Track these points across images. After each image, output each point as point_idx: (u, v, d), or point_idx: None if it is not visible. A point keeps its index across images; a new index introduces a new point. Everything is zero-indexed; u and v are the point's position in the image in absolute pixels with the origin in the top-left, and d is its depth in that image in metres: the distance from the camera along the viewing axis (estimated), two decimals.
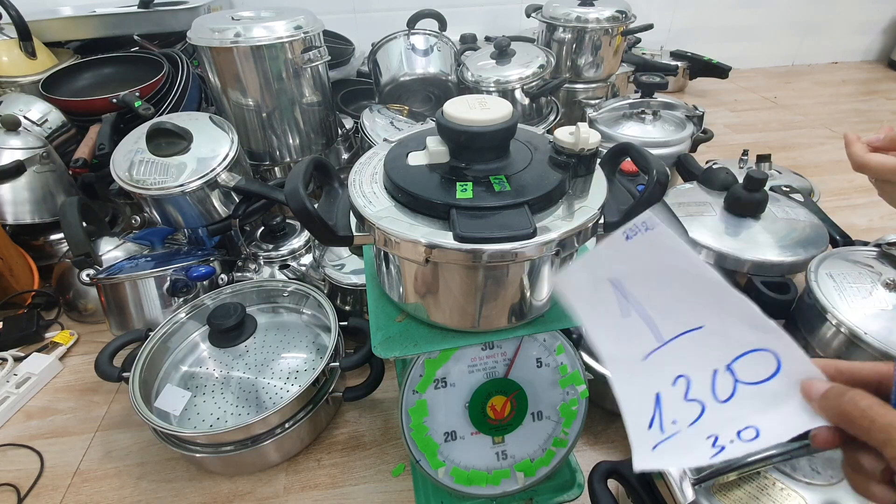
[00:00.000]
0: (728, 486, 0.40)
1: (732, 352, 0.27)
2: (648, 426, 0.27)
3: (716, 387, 0.27)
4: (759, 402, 0.26)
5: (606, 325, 0.29)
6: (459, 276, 0.38)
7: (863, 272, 0.62)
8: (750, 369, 0.27)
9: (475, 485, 0.50)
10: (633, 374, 0.28)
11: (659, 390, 0.27)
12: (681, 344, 0.28)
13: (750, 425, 0.26)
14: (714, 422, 0.26)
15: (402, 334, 0.44)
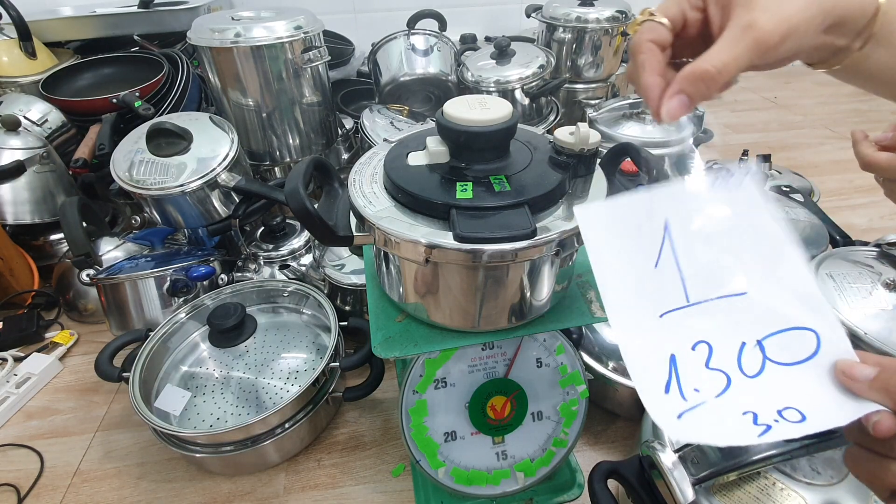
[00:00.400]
0: (728, 486, 0.40)
1: (769, 326, 0.25)
2: (665, 390, 0.24)
3: (742, 360, 0.25)
4: (793, 382, 0.24)
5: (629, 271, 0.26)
6: (459, 276, 0.38)
7: (863, 272, 0.62)
8: (784, 348, 0.25)
9: (475, 485, 0.50)
10: (643, 329, 0.26)
11: (674, 351, 0.25)
12: (710, 308, 0.26)
13: (790, 406, 0.24)
14: (746, 395, 0.24)
15: (402, 334, 0.44)
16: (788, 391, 0.24)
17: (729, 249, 0.27)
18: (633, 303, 0.26)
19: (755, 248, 0.26)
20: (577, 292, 0.47)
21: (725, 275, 0.26)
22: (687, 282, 0.26)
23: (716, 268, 0.26)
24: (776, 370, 0.25)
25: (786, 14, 0.25)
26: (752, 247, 0.26)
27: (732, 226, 0.27)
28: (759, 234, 0.26)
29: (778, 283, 0.26)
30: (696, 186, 0.28)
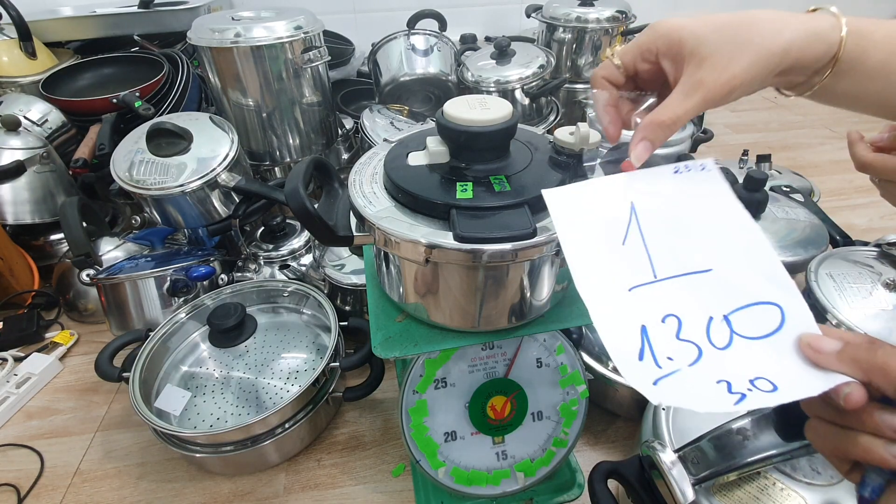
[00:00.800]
0: (728, 486, 0.40)
1: (735, 301, 0.26)
2: (639, 357, 0.25)
3: (710, 333, 0.26)
4: (760, 355, 0.25)
5: (598, 248, 0.28)
6: (459, 277, 0.38)
7: (863, 272, 0.62)
8: (750, 322, 0.26)
9: (475, 485, 0.50)
10: (613, 302, 0.27)
11: (644, 323, 0.26)
12: (677, 284, 0.27)
13: (762, 377, 0.24)
14: (719, 365, 0.25)
15: (403, 334, 0.44)
16: (758, 363, 0.25)
17: (694, 229, 0.28)
18: (602, 277, 0.27)
19: (719, 228, 0.28)
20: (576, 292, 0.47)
21: (690, 253, 0.27)
22: (654, 259, 0.27)
23: (681, 246, 0.28)
24: (743, 343, 0.25)
25: (730, 74, 0.28)
26: (716, 227, 0.28)
27: (697, 207, 0.28)
28: (722, 216, 0.28)
29: (741, 261, 0.27)
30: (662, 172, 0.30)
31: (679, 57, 0.30)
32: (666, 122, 0.30)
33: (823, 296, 0.59)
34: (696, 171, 0.29)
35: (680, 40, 0.30)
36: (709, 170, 0.29)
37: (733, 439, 0.40)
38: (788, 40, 0.28)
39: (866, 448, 0.23)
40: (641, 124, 0.31)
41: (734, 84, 0.29)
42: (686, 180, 0.29)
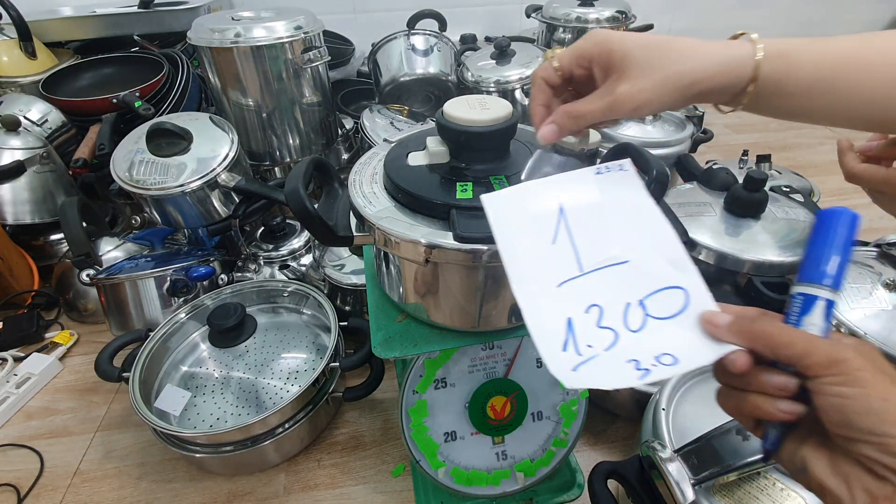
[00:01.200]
0: (728, 486, 0.40)
1: (648, 287, 0.29)
2: (563, 348, 0.28)
3: (627, 318, 0.29)
4: (669, 333, 0.28)
5: (530, 248, 0.30)
6: (459, 277, 0.38)
7: (863, 272, 0.62)
8: (661, 305, 0.29)
9: (475, 485, 0.50)
10: (543, 298, 0.29)
11: (570, 315, 0.29)
12: (599, 276, 0.30)
13: (666, 352, 0.28)
14: (630, 348, 0.28)
15: (403, 334, 0.44)
16: (665, 340, 0.28)
17: (613, 225, 0.31)
18: (533, 275, 0.30)
19: (634, 222, 0.31)
20: None
21: (611, 246, 0.30)
22: (580, 254, 0.30)
23: (603, 241, 0.31)
24: (655, 324, 0.29)
25: (638, 90, 0.31)
26: (632, 221, 0.31)
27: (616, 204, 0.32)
28: (637, 211, 0.31)
29: (653, 251, 0.30)
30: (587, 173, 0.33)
31: (607, 66, 0.32)
32: (573, 112, 0.34)
33: None
34: (616, 172, 0.32)
35: (610, 51, 0.32)
36: (626, 170, 0.32)
37: (733, 439, 0.40)
38: (695, 69, 0.31)
39: (755, 405, 0.27)
40: (556, 110, 0.34)
41: (640, 99, 0.32)
42: (607, 180, 0.32)
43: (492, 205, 0.32)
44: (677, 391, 0.50)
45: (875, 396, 0.24)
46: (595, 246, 0.30)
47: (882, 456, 0.23)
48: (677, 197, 0.82)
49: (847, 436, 0.24)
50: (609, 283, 0.30)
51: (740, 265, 0.70)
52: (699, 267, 0.30)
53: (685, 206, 0.79)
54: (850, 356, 0.24)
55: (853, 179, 0.40)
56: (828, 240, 0.28)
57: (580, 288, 0.29)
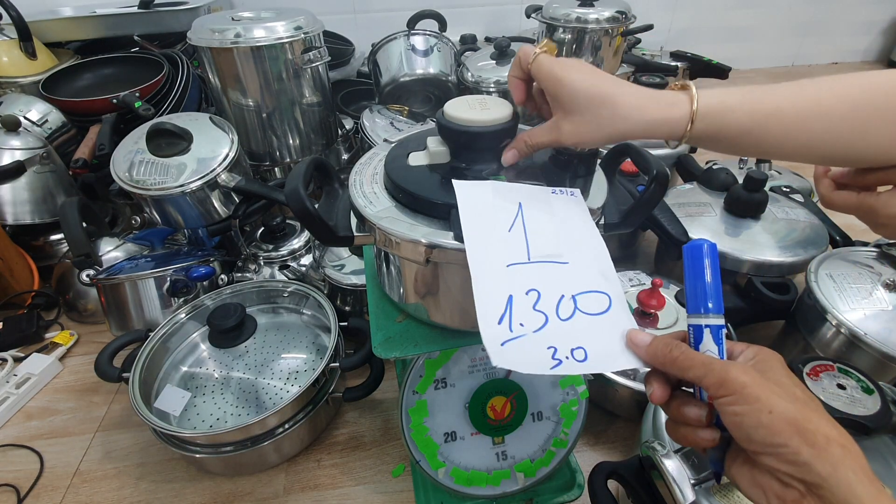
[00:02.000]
0: (728, 486, 0.40)
1: (580, 287, 0.34)
2: (498, 321, 0.31)
3: (559, 307, 0.32)
4: (590, 329, 0.32)
5: (488, 231, 0.34)
6: (459, 277, 0.38)
7: (863, 273, 0.62)
8: (589, 303, 0.33)
9: (475, 485, 0.50)
10: (492, 274, 0.32)
11: (512, 293, 0.32)
12: (543, 267, 0.34)
13: (581, 346, 0.31)
14: (554, 334, 0.31)
15: (403, 335, 0.44)
16: (584, 335, 0.32)
17: (561, 232, 0.36)
18: (487, 253, 0.33)
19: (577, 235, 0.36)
20: None
21: (557, 247, 0.35)
22: (530, 245, 0.34)
23: (551, 241, 0.35)
24: (581, 317, 0.32)
25: (580, 133, 0.36)
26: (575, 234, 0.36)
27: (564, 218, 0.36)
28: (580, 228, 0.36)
29: (590, 261, 0.35)
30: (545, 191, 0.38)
31: (556, 99, 0.36)
32: (528, 142, 0.38)
33: (823, 296, 0.59)
34: (567, 196, 0.38)
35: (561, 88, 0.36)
36: (576, 196, 0.38)
37: None
38: (631, 129, 0.35)
39: (684, 435, 0.29)
40: (516, 137, 0.40)
41: (580, 139, 0.36)
42: (560, 199, 0.37)
43: (461, 190, 0.35)
44: None
45: (762, 410, 0.25)
46: (543, 243, 0.35)
47: (780, 464, 0.25)
48: (677, 197, 0.82)
49: (751, 449, 0.26)
50: (550, 276, 0.33)
51: (740, 265, 0.71)
52: None
53: (685, 206, 0.79)
54: (736, 374, 0.26)
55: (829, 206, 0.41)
56: (695, 272, 0.30)
57: (525, 273, 0.33)
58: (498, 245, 0.34)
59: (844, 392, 0.39)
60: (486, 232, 0.34)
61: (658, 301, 0.64)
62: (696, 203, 0.80)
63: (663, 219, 0.72)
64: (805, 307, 0.63)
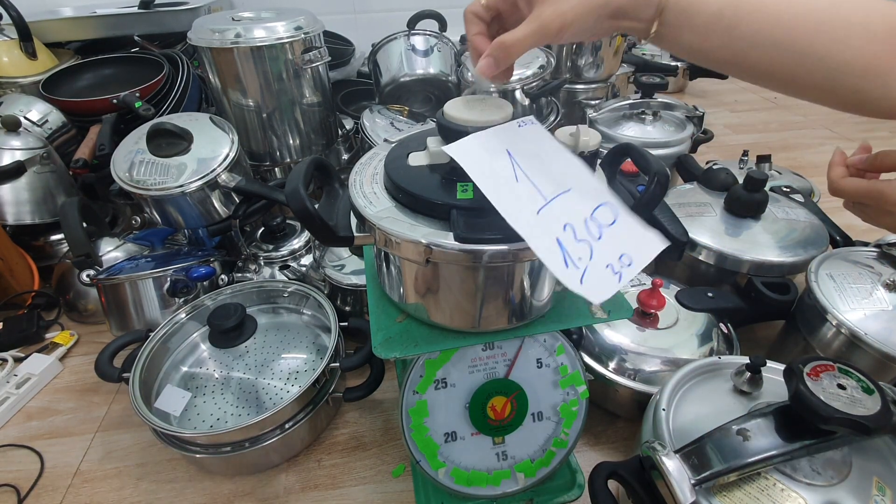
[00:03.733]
0: (728, 486, 0.40)
1: (591, 205, 0.35)
2: (566, 266, 0.32)
3: (589, 230, 0.34)
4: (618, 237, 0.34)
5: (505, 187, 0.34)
6: (460, 277, 0.38)
7: (863, 273, 0.62)
8: (603, 216, 0.34)
9: (475, 485, 0.50)
10: (536, 226, 0.33)
11: (558, 236, 0.33)
12: (559, 202, 0.34)
13: (624, 253, 0.33)
14: (603, 255, 0.33)
15: (403, 335, 0.44)
16: (618, 244, 0.33)
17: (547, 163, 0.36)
18: (518, 208, 0.33)
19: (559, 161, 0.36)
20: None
21: (554, 179, 0.35)
22: (539, 187, 0.35)
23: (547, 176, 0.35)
24: (607, 231, 0.34)
25: (561, 10, 0.35)
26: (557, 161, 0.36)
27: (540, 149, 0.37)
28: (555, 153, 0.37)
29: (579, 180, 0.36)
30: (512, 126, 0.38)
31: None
32: (507, 42, 0.36)
33: (823, 296, 0.59)
34: (530, 125, 0.38)
35: None
36: (534, 123, 0.38)
37: (733, 439, 0.40)
38: None
39: None
40: (490, 45, 0.38)
41: (564, 19, 0.35)
42: (527, 131, 0.38)
43: (459, 153, 0.35)
44: (677, 391, 0.50)
45: None
46: (545, 180, 0.35)
47: None
48: (677, 197, 0.82)
49: None
50: (567, 206, 0.34)
51: (740, 265, 0.71)
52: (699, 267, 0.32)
53: (685, 207, 0.79)
54: None
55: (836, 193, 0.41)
56: None
57: (552, 213, 0.34)
58: (519, 197, 0.34)
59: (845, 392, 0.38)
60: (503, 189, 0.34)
61: (658, 301, 0.64)
62: (696, 203, 0.80)
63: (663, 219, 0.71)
64: (805, 307, 0.63)
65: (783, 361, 0.47)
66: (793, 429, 0.40)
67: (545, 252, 0.32)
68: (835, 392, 0.39)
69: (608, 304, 0.46)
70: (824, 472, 0.40)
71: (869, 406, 0.38)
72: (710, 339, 0.63)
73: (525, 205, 0.33)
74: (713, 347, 0.63)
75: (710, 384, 0.51)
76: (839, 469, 0.40)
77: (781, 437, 0.40)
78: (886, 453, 0.43)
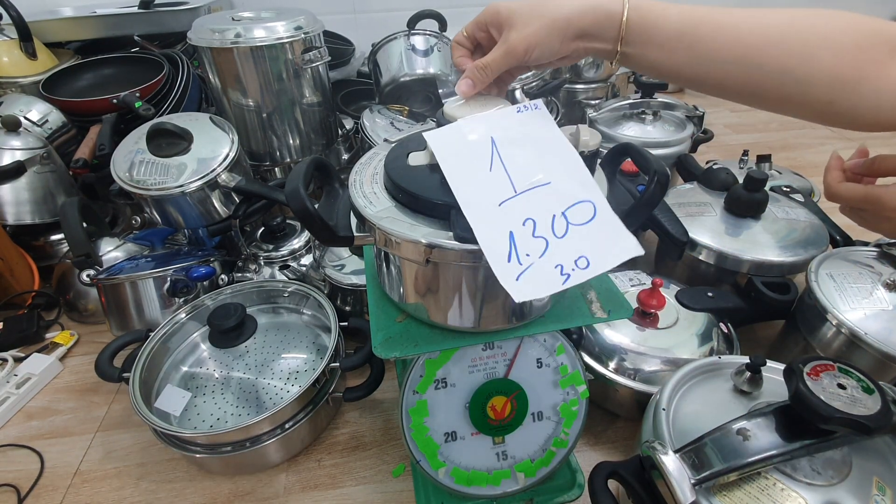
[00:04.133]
0: (728, 486, 0.40)
1: (566, 202, 0.35)
2: (508, 259, 0.33)
3: (554, 227, 0.34)
4: (586, 237, 0.34)
5: (472, 176, 0.35)
6: (460, 277, 0.38)
7: (863, 272, 0.62)
8: (577, 214, 0.35)
9: (475, 485, 0.50)
10: (489, 217, 0.34)
11: (511, 229, 0.34)
12: (530, 195, 0.35)
13: (582, 255, 0.33)
14: (557, 253, 0.33)
15: (403, 334, 0.44)
16: (582, 244, 0.34)
17: (533, 153, 0.37)
18: (478, 198, 0.34)
19: (549, 150, 0.37)
20: (577, 292, 0.47)
21: (535, 171, 0.36)
22: (512, 178, 0.35)
23: (528, 166, 0.36)
24: (575, 230, 0.34)
25: (525, 34, 0.38)
26: (547, 150, 0.37)
27: (534, 136, 0.37)
28: (550, 141, 0.37)
29: (566, 174, 0.36)
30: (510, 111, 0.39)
31: (499, 24, 0.39)
32: (480, 65, 0.40)
33: (824, 296, 0.59)
34: (532, 110, 0.39)
35: (497, 13, 0.39)
36: (539, 108, 0.39)
37: (733, 439, 0.40)
38: (569, 10, 0.37)
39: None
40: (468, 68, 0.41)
41: (529, 42, 0.38)
42: (526, 117, 0.38)
43: (435, 141, 0.36)
44: (677, 391, 0.50)
45: None
46: (523, 171, 0.36)
47: None
48: (677, 197, 0.82)
49: None
50: (538, 201, 0.35)
51: (741, 265, 0.71)
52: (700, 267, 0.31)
53: (685, 206, 0.79)
54: None
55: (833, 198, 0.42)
56: None
57: (516, 206, 0.34)
58: (485, 187, 0.35)
59: (845, 392, 0.38)
60: (470, 177, 0.35)
61: (658, 301, 0.64)
62: (696, 203, 0.80)
63: (663, 219, 0.72)
64: (805, 307, 0.63)
65: (783, 361, 0.47)
66: (793, 428, 0.40)
67: (488, 244, 0.33)
68: (835, 392, 0.39)
69: (608, 303, 0.46)
70: (824, 472, 0.40)
71: (869, 406, 0.38)
72: (710, 339, 0.63)
73: (488, 196, 0.35)
74: (713, 347, 0.63)
75: (710, 384, 0.51)
76: (839, 469, 0.40)
77: (781, 436, 0.40)
78: (886, 453, 0.43)
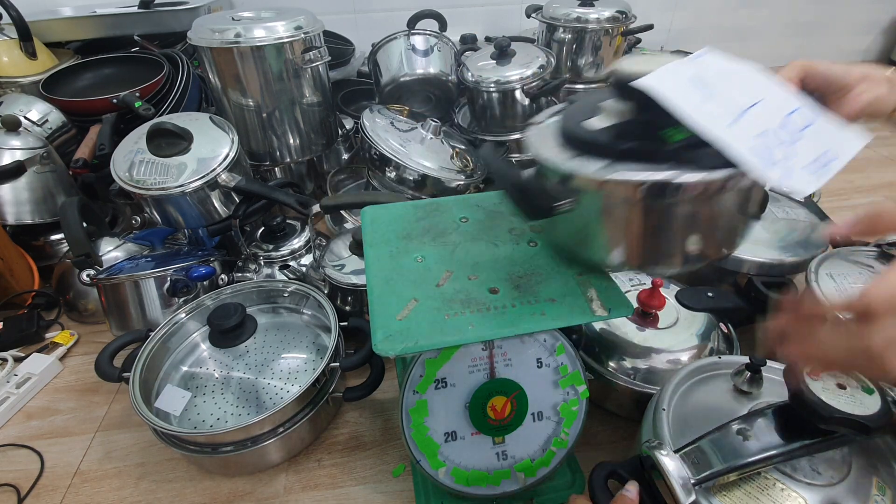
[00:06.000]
0: (728, 486, 0.40)
1: (786, 109, 0.38)
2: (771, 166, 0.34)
3: (789, 131, 0.36)
4: (820, 134, 0.37)
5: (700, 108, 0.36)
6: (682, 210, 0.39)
7: (863, 272, 0.62)
8: (799, 120, 0.37)
9: (475, 485, 0.50)
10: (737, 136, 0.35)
11: (757, 142, 0.35)
12: (756, 109, 0.37)
13: (826, 149, 0.36)
14: (805, 153, 0.36)
15: (403, 332, 0.44)
16: (819, 142, 0.36)
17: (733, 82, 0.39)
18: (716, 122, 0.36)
19: (745, 76, 0.40)
20: (577, 290, 0.47)
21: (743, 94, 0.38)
22: (731, 103, 0.37)
23: (737, 92, 0.38)
24: (808, 131, 0.37)
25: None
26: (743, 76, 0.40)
27: (725, 68, 0.40)
28: (740, 69, 0.41)
29: (769, 90, 0.39)
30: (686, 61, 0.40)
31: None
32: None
33: (823, 296, 0.59)
34: (706, 54, 0.41)
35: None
36: (710, 52, 0.42)
37: (733, 439, 0.40)
38: None
39: None
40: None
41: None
42: (706, 59, 0.41)
43: (655, 82, 0.37)
44: (677, 391, 0.50)
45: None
46: (736, 95, 0.38)
47: None
48: None
49: None
50: (765, 111, 0.37)
51: (741, 265, 0.71)
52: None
53: None
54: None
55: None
56: None
57: (747, 122, 0.36)
58: (715, 114, 0.36)
59: (845, 392, 0.38)
60: (701, 110, 0.36)
61: (658, 301, 0.64)
62: None
63: None
64: None
65: (783, 361, 0.47)
66: (793, 428, 0.40)
67: (748, 155, 0.34)
68: (835, 391, 0.39)
69: (609, 301, 0.46)
70: (824, 472, 0.40)
71: (869, 406, 0.38)
72: (709, 339, 0.63)
73: (722, 121, 0.36)
74: (713, 347, 0.63)
75: (710, 384, 0.51)
76: (839, 469, 0.40)
77: (781, 436, 0.40)
78: (886, 453, 0.43)
